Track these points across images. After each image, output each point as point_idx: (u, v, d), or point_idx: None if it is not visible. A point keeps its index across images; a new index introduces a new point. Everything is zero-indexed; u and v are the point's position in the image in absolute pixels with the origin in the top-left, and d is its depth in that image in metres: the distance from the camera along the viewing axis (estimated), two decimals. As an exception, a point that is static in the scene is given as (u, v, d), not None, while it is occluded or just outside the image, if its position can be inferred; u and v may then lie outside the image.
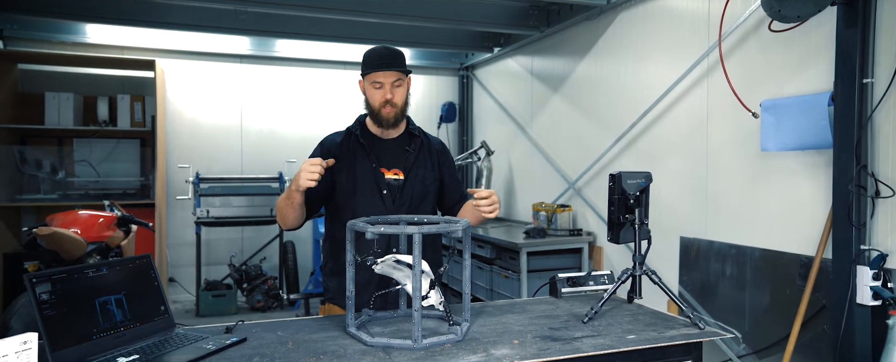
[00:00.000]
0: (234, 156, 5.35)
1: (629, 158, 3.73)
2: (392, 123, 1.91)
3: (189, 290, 5.10)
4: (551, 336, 1.50)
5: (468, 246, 1.57)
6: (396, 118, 1.91)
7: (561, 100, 4.48)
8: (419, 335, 1.39)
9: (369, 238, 1.41)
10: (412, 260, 1.39)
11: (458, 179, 2.09)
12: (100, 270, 1.35)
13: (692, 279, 3.31)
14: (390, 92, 1.86)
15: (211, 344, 1.35)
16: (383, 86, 1.86)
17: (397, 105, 1.89)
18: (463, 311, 1.58)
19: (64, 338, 1.23)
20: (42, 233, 2.59)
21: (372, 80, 1.86)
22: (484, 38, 5.28)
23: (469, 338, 1.47)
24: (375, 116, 1.90)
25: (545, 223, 4.26)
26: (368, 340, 1.41)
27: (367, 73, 1.88)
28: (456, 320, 1.58)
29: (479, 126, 5.95)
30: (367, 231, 1.40)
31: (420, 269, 1.39)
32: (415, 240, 1.37)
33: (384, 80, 1.86)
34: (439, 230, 1.44)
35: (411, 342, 1.39)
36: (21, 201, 4.51)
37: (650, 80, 3.53)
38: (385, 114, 1.88)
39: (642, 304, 1.84)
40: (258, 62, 5.42)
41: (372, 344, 1.40)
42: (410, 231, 1.37)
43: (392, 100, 1.87)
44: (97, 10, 4.28)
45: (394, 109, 1.88)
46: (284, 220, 1.88)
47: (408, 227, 1.39)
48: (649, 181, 1.73)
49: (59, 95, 4.59)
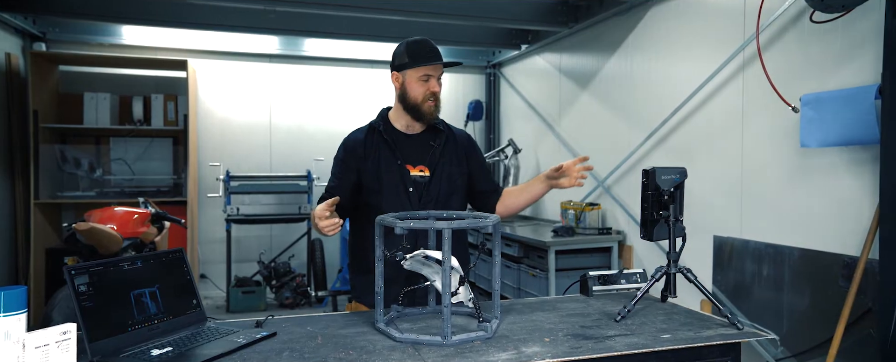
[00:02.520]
0: (263, 155, 5.43)
1: (660, 156, 3.66)
2: (434, 118, 1.90)
3: (220, 286, 5.19)
4: (583, 334, 1.47)
5: (498, 242, 1.55)
6: (438, 112, 1.90)
7: (590, 98, 4.42)
8: (449, 331, 1.37)
9: (398, 233, 1.40)
10: (450, 256, 1.37)
11: (487, 170, 2.06)
12: (134, 264, 1.38)
13: (726, 279, 3.22)
14: (436, 87, 1.86)
15: (242, 338, 1.36)
16: (431, 79, 1.85)
17: (439, 100, 1.89)
18: (493, 308, 1.56)
19: (101, 329, 1.25)
20: (80, 228, 2.66)
21: (421, 73, 1.84)
22: (511, 35, 5.24)
23: (499, 336, 1.45)
24: (415, 110, 1.88)
25: (574, 221, 4.20)
26: (398, 336, 1.40)
27: (415, 66, 1.84)
28: (486, 317, 1.56)
29: (507, 124, 5.91)
30: (396, 226, 1.39)
31: (450, 265, 1.38)
32: (444, 236, 1.35)
33: (434, 72, 1.85)
34: (469, 225, 1.42)
35: (440, 338, 1.37)
36: (61, 198, 4.65)
37: (683, 75, 3.45)
38: (427, 108, 1.87)
39: (676, 303, 1.79)
40: (287, 61, 5.48)
41: (401, 340, 1.39)
42: (440, 226, 1.36)
43: (437, 94, 1.86)
44: (132, 11, 4.40)
45: (436, 104, 1.88)
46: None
47: (437, 223, 1.38)
48: (684, 177, 1.68)
49: (97, 96, 4.72)
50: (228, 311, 4.80)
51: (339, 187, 1.91)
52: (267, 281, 4.98)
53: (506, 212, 2.01)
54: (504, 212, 2.02)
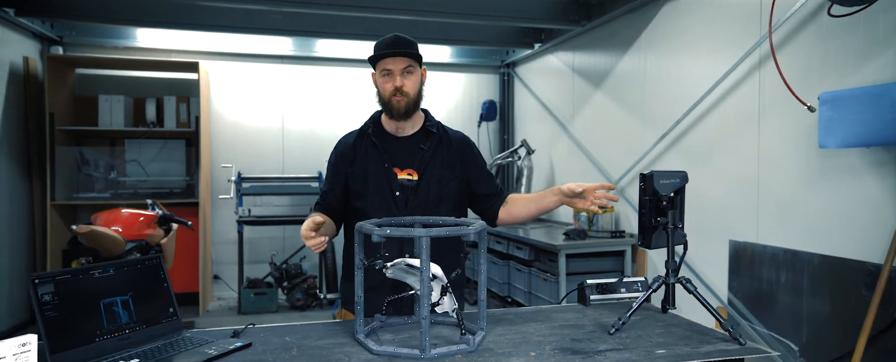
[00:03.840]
0: (275, 156, 5.43)
1: (674, 157, 3.53)
2: (403, 114, 1.80)
3: (233, 287, 5.21)
4: (572, 348, 1.39)
5: (484, 249, 1.48)
6: (408, 108, 1.80)
7: (603, 97, 4.30)
8: (427, 344, 1.31)
9: (376, 241, 1.34)
10: (429, 265, 1.31)
11: (488, 172, 1.96)
12: (107, 271, 1.34)
13: (743, 286, 3.09)
14: (400, 80, 1.76)
15: (214, 350, 1.32)
16: (393, 73, 1.77)
17: (408, 94, 1.78)
18: (479, 319, 1.49)
19: (65, 340, 1.22)
20: (81, 231, 2.67)
21: (381, 68, 1.78)
22: (524, 34, 5.16)
23: (482, 349, 1.38)
24: (386, 107, 1.81)
25: (586, 224, 4.10)
26: (374, 348, 1.34)
27: (375, 62, 1.79)
28: (471, 328, 1.49)
29: (521, 124, 5.82)
30: (373, 233, 1.33)
31: (429, 274, 1.31)
32: (422, 244, 1.29)
33: (393, 66, 1.76)
34: (450, 233, 1.36)
35: (418, 352, 1.31)
36: (77, 199, 4.72)
37: (697, 73, 3.32)
38: (395, 104, 1.78)
39: (678, 315, 1.70)
40: (298, 62, 5.48)
41: (377, 353, 1.33)
42: (417, 234, 1.30)
43: (402, 88, 1.76)
44: (146, 14, 4.44)
45: (404, 99, 1.78)
46: None
47: (415, 230, 1.31)
48: (685, 181, 1.59)
49: (111, 98, 4.77)
50: (240, 313, 4.81)
51: (331, 191, 1.87)
52: (278, 283, 4.98)
53: (511, 220, 1.92)
54: (509, 219, 1.92)
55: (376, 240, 1.33)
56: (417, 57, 1.80)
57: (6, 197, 4.19)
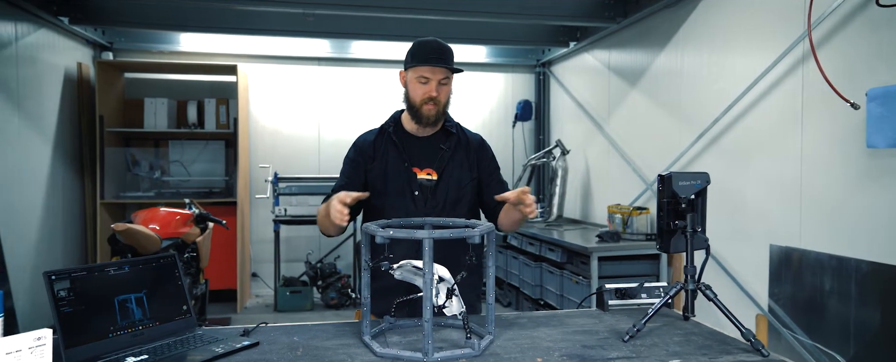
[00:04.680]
0: (311, 156, 5.53)
1: (712, 157, 3.40)
2: (432, 122, 1.82)
3: (270, 285, 5.33)
4: (582, 355, 1.35)
5: (492, 252, 1.45)
6: (437, 117, 1.82)
7: (639, 96, 4.18)
8: (430, 348, 1.29)
9: (379, 243, 1.33)
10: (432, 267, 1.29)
11: (499, 178, 1.94)
12: (122, 268, 1.38)
13: (785, 293, 2.94)
14: (436, 90, 1.77)
15: (220, 348, 1.34)
16: (429, 82, 1.77)
17: (440, 104, 1.79)
18: (487, 323, 1.46)
19: (79, 336, 1.26)
20: (118, 229, 2.78)
21: (418, 73, 1.77)
22: (560, 32, 5.08)
23: (488, 354, 1.36)
24: (415, 112, 1.82)
25: (621, 226, 3.99)
26: (378, 351, 1.34)
27: (413, 65, 1.78)
28: (479, 332, 1.47)
29: (556, 124, 5.73)
30: (377, 235, 1.33)
31: (432, 277, 1.30)
32: (425, 246, 1.27)
33: (431, 76, 1.76)
34: (455, 235, 1.33)
35: (422, 355, 1.29)
36: (124, 198, 4.92)
37: (736, 70, 3.18)
38: (425, 112, 1.79)
39: (700, 323, 1.62)
40: (334, 64, 5.56)
41: (380, 355, 1.33)
42: (420, 236, 1.28)
43: (436, 97, 1.77)
44: (188, 19, 4.61)
45: (436, 108, 1.79)
46: (326, 231, 1.85)
47: (418, 232, 1.30)
48: (706, 183, 1.52)
49: (156, 100, 4.96)
50: (276, 310, 4.91)
51: (347, 187, 1.88)
52: (313, 282, 5.06)
53: (502, 227, 1.88)
54: (501, 226, 1.89)
55: (380, 241, 1.32)
56: (455, 69, 1.80)
57: (60, 195, 4.41)
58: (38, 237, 4.07)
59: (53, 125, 4.34)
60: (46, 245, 4.17)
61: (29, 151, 4.00)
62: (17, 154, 3.83)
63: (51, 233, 4.25)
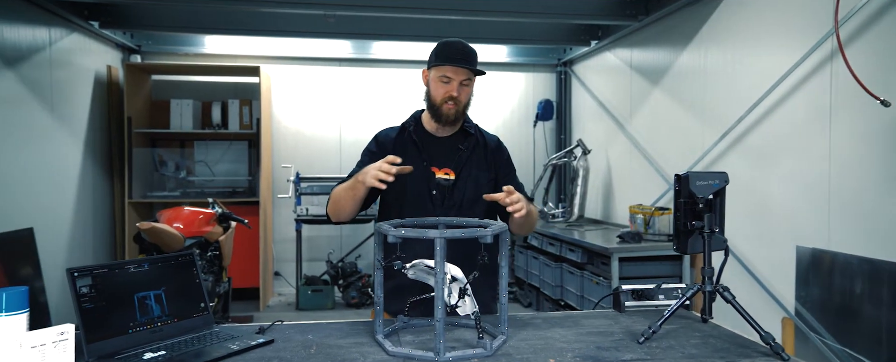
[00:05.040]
0: (332, 156, 5.58)
1: (736, 157, 3.33)
2: (451, 121, 1.83)
3: (292, 284, 5.40)
4: (595, 356, 1.33)
5: (505, 252, 1.45)
6: (456, 117, 1.83)
7: (662, 94, 4.12)
8: (442, 347, 1.29)
9: (391, 242, 1.34)
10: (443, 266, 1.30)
11: (515, 179, 1.95)
12: (141, 266, 1.42)
13: (811, 295, 2.86)
14: (457, 90, 1.78)
15: (236, 345, 1.36)
16: (451, 81, 1.78)
17: (460, 104, 1.81)
18: (500, 323, 1.46)
19: (100, 331, 1.29)
20: (143, 227, 2.85)
21: (441, 72, 1.78)
22: (581, 31, 5.03)
23: (501, 354, 1.35)
24: (435, 111, 1.83)
25: (642, 227, 3.93)
26: (390, 349, 1.34)
27: (436, 65, 1.79)
28: (492, 332, 1.47)
29: (578, 124, 5.68)
30: (388, 234, 1.33)
31: (443, 276, 1.30)
32: (437, 246, 1.28)
33: (454, 76, 1.78)
34: (466, 235, 1.33)
35: (433, 354, 1.29)
36: (151, 198, 5.04)
37: (761, 68, 3.12)
38: (446, 111, 1.80)
39: (719, 325, 1.59)
40: (355, 65, 5.60)
41: (392, 354, 1.33)
42: (432, 235, 1.28)
43: (457, 97, 1.79)
44: (212, 21, 4.70)
45: (456, 108, 1.80)
46: (339, 212, 1.81)
47: (429, 232, 1.30)
48: (724, 183, 1.49)
49: (182, 102, 5.07)
50: (298, 309, 4.97)
51: None
52: (334, 281, 5.10)
53: (512, 230, 1.87)
54: (512, 230, 1.87)
55: (392, 240, 1.33)
56: (478, 71, 1.80)
57: (90, 194, 4.53)
58: (70, 235, 4.19)
59: (84, 126, 4.46)
60: (78, 243, 4.29)
61: (61, 152, 4.13)
62: (50, 154, 3.95)
63: (82, 232, 4.37)
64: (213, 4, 4.44)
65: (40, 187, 3.82)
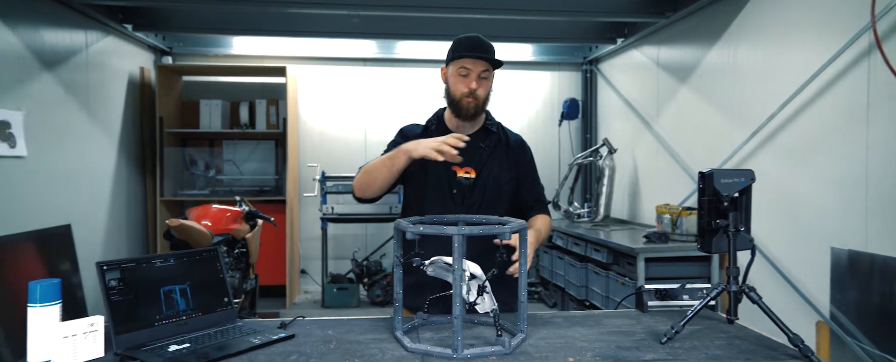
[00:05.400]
0: (357, 155, 5.62)
1: (767, 155, 3.25)
2: (471, 115, 1.82)
3: (318, 282, 5.46)
4: (616, 355, 1.32)
5: (525, 250, 1.44)
6: (476, 110, 1.82)
7: (689, 93, 4.05)
8: (460, 344, 1.29)
9: (410, 239, 1.34)
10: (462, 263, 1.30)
11: (535, 180, 1.94)
12: (167, 261, 1.45)
13: (848, 299, 2.77)
14: (476, 82, 1.78)
15: (258, 339, 1.38)
16: (470, 73, 1.78)
17: (480, 97, 1.80)
18: (519, 321, 1.45)
19: (128, 323, 1.33)
20: (172, 224, 2.92)
21: (459, 65, 1.78)
22: (607, 28, 4.97)
23: (519, 352, 1.34)
24: (454, 105, 1.83)
25: (669, 227, 3.87)
26: (408, 346, 1.35)
27: (454, 59, 1.80)
28: (510, 330, 1.46)
29: (603, 123, 5.61)
30: (407, 231, 1.34)
31: (461, 273, 1.30)
32: (455, 243, 1.28)
33: (472, 67, 1.77)
34: (484, 232, 1.33)
35: (451, 351, 1.29)
36: (181, 196, 5.16)
37: (793, 64, 3.03)
38: (465, 105, 1.80)
39: (746, 326, 1.55)
40: (380, 64, 5.64)
41: (411, 350, 1.34)
42: (450, 232, 1.28)
43: (476, 90, 1.78)
44: (240, 22, 4.80)
45: (475, 101, 1.80)
46: (369, 186, 1.76)
47: (447, 229, 1.30)
48: (751, 181, 1.45)
49: (211, 102, 5.17)
50: (323, 306, 5.02)
51: None
52: (359, 279, 5.15)
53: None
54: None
55: (410, 237, 1.34)
56: (495, 64, 1.80)
57: (124, 192, 4.66)
58: (105, 232, 4.32)
59: (118, 126, 4.59)
60: (113, 239, 4.42)
61: (97, 151, 4.25)
62: (86, 154, 4.08)
63: (116, 228, 4.50)
64: (241, 6, 4.51)
65: (77, 185, 3.94)
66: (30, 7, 3.46)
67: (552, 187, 5.44)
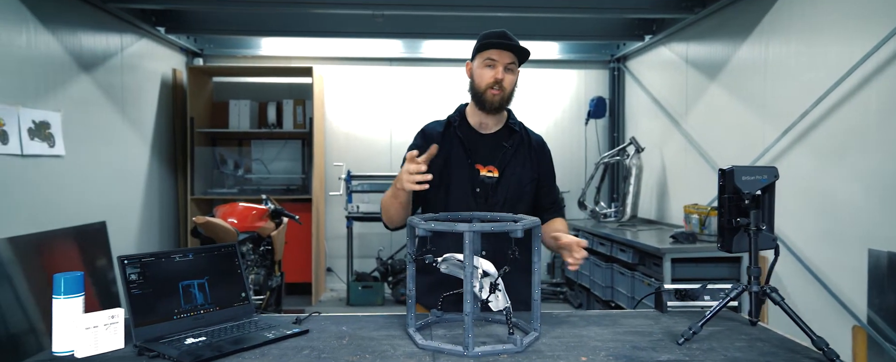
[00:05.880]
0: (383, 155, 5.66)
1: (800, 153, 3.15)
2: (495, 108, 1.80)
3: (343, 280, 5.51)
4: (630, 355, 1.29)
5: (538, 248, 1.42)
6: (501, 103, 1.79)
7: (719, 90, 3.95)
8: (471, 341, 1.28)
9: (421, 235, 1.34)
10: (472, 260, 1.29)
11: (552, 183, 1.92)
12: (186, 256, 1.48)
13: (886, 302, 2.66)
14: (501, 73, 1.76)
15: (272, 333, 1.40)
16: (496, 64, 1.76)
17: (505, 89, 1.77)
18: (532, 320, 1.43)
19: (147, 316, 1.36)
20: (199, 221, 2.98)
21: (485, 57, 1.77)
22: (635, 25, 4.89)
23: (531, 350, 1.33)
24: (479, 98, 1.81)
25: (697, 227, 3.78)
26: (420, 342, 1.35)
27: (480, 51, 1.78)
28: (524, 328, 1.45)
29: (631, 121, 5.52)
30: (418, 227, 1.34)
31: (472, 270, 1.29)
32: (466, 239, 1.27)
33: (498, 58, 1.76)
34: (495, 229, 1.32)
35: (462, 349, 1.29)
36: (211, 194, 5.27)
37: (829, 59, 2.93)
38: (490, 97, 1.77)
39: (769, 328, 1.50)
40: (406, 64, 5.66)
41: (422, 347, 1.34)
42: (461, 229, 1.28)
43: (502, 81, 1.76)
44: (269, 24, 4.88)
45: (501, 93, 1.77)
46: (390, 219, 1.81)
47: (458, 225, 1.29)
48: (774, 178, 1.40)
49: (240, 102, 5.28)
50: (349, 304, 5.07)
51: None
52: (383, 278, 5.18)
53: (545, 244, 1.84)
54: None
55: (421, 233, 1.33)
56: (522, 56, 1.78)
57: (157, 190, 4.80)
58: (138, 229, 4.45)
59: (151, 126, 4.72)
60: (145, 236, 4.55)
61: (131, 151, 4.39)
62: (121, 154, 4.21)
63: (149, 225, 4.63)
64: (269, 7, 4.60)
65: (112, 183, 4.07)
66: (70, 12, 3.59)
67: (578, 186, 5.38)
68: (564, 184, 5.57)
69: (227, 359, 1.25)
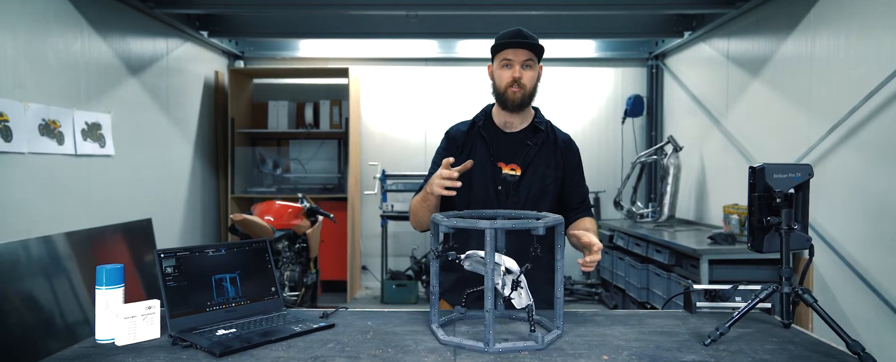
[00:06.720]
0: (418, 155, 5.70)
1: (848, 152, 3.02)
2: (517, 106, 1.81)
3: (378, 278, 5.58)
4: (654, 355, 1.27)
5: (561, 246, 1.42)
6: (522, 101, 1.81)
7: (761, 86, 3.82)
8: (492, 338, 1.29)
9: (444, 232, 1.36)
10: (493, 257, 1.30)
11: (581, 181, 1.91)
12: (219, 251, 1.54)
13: (939, 308, 2.53)
14: (519, 72, 1.77)
15: (299, 327, 1.44)
16: (512, 64, 1.78)
17: (525, 87, 1.79)
18: (555, 317, 1.43)
19: (181, 307, 1.42)
20: (236, 218, 3.08)
21: (502, 58, 1.80)
22: (674, 21, 4.78)
23: (552, 348, 1.33)
24: (500, 98, 1.84)
25: (737, 228, 3.67)
26: (442, 338, 1.36)
27: (496, 53, 1.82)
28: (546, 326, 1.45)
29: (669, 119, 5.40)
30: (441, 224, 1.35)
31: (493, 267, 1.30)
32: (487, 236, 1.28)
33: (514, 57, 1.78)
34: (517, 226, 1.32)
35: (483, 345, 1.30)
36: (250, 193, 5.42)
37: (881, 53, 2.80)
38: (510, 95, 1.80)
39: (803, 331, 1.46)
40: (440, 64, 5.68)
41: (444, 343, 1.35)
42: (482, 226, 1.29)
43: (520, 79, 1.78)
44: (306, 26, 4.99)
45: (521, 91, 1.79)
46: (419, 222, 1.85)
47: (480, 222, 1.30)
48: (808, 176, 1.36)
49: (278, 103, 5.41)
50: (382, 302, 5.13)
51: None
52: (417, 276, 5.22)
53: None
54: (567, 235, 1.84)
55: (445, 231, 1.35)
56: (538, 51, 1.79)
57: (199, 189, 4.97)
58: (182, 225, 4.61)
59: (194, 127, 4.89)
60: (188, 233, 4.72)
61: (175, 151, 4.56)
62: (166, 153, 4.39)
63: (192, 223, 4.80)
64: (306, 10, 4.70)
65: (158, 182, 4.24)
66: (120, 18, 3.76)
67: (615, 186, 5.29)
68: (600, 183, 5.49)
69: (255, 350, 1.29)
